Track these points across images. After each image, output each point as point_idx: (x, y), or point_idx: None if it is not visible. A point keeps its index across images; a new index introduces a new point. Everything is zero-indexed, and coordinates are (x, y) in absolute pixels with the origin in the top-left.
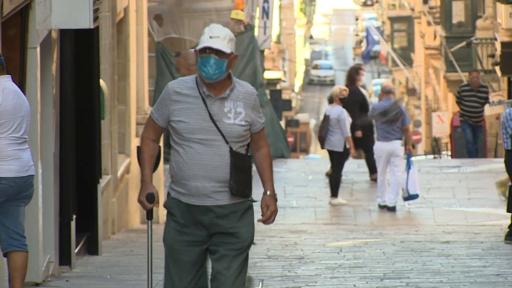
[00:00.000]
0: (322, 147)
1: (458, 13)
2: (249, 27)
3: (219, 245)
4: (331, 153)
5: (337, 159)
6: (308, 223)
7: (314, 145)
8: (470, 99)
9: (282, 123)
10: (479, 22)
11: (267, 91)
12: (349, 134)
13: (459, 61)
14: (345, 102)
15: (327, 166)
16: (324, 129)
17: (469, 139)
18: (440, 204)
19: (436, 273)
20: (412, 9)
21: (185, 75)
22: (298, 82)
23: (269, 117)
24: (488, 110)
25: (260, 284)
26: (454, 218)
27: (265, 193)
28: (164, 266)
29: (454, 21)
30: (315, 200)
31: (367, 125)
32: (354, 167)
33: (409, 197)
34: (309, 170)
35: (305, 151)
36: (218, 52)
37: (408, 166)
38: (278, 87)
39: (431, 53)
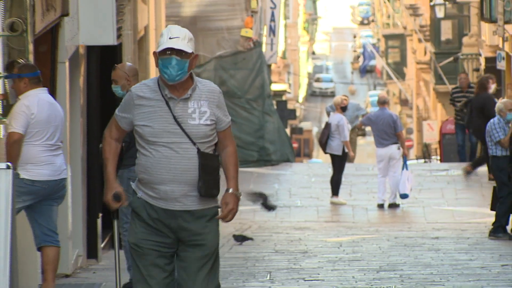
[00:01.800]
0: (324, 152)
1: (446, 31)
2: (257, 44)
3: (186, 255)
4: (332, 157)
5: (338, 162)
6: (311, 221)
7: (316, 150)
8: (461, 100)
9: (288, 131)
10: (465, 39)
11: (274, 102)
12: (347, 139)
13: (447, 75)
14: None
15: (328, 169)
16: (325, 135)
17: (461, 143)
18: (430, 203)
19: (426, 266)
20: (405, 28)
21: (125, 86)
22: (302, 93)
23: (276, 125)
24: None
25: (268, 275)
26: (443, 216)
27: (227, 190)
28: (132, 266)
29: (443, 38)
30: (318, 200)
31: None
32: (353, 170)
33: (400, 196)
34: (312, 173)
35: (308, 156)
36: (179, 53)
37: (404, 167)
38: (283, 98)
39: (422, 68)
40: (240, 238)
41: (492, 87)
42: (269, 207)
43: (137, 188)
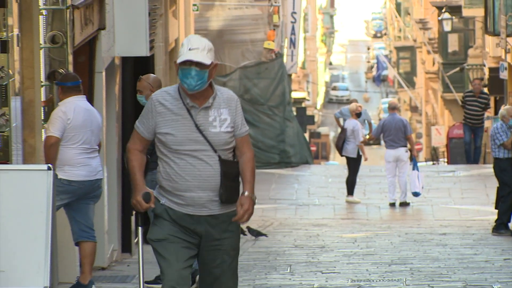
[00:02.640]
0: (340, 155)
1: (453, 44)
2: (279, 55)
3: (208, 261)
4: (348, 159)
5: (353, 164)
6: (328, 218)
7: (333, 153)
8: (472, 104)
9: (306, 135)
10: (470, 51)
11: (294, 108)
12: (360, 140)
13: (453, 84)
14: None
15: (344, 171)
16: (341, 139)
17: (467, 141)
18: (438, 202)
19: (434, 259)
20: (415, 40)
21: (149, 96)
22: (320, 100)
23: (296, 130)
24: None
25: (288, 268)
26: (449, 214)
27: (242, 193)
28: (157, 261)
29: (450, 50)
30: (334, 199)
31: None
32: (367, 171)
33: (413, 194)
34: (329, 174)
35: (326, 158)
36: (198, 64)
37: (414, 168)
38: (303, 105)
39: (430, 77)
40: (255, 233)
41: None
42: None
43: (160, 195)
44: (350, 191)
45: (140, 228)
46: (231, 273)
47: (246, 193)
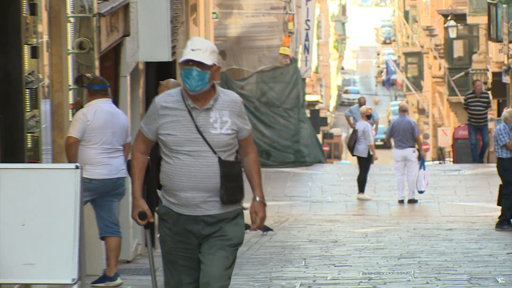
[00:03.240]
0: (352, 154)
1: (458, 50)
2: (294, 60)
3: (207, 245)
4: (359, 159)
5: (364, 163)
6: (340, 214)
7: (345, 153)
8: (475, 104)
9: (320, 136)
10: (474, 57)
11: (308, 111)
12: (372, 143)
13: (459, 87)
14: None
15: (355, 169)
16: (352, 140)
17: (473, 142)
18: (444, 199)
19: (441, 253)
20: (422, 46)
21: None
22: (332, 103)
23: (309, 131)
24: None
25: (303, 262)
26: (455, 211)
27: (254, 198)
28: (162, 264)
29: (455, 55)
30: (346, 196)
31: None
32: (377, 170)
33: (418, 192)
34: (341, 172)
35: (338, 157)
36: (200, 64)
37: (421, 168)
38: (316, 107)
39: (437, 81)
40: (264, 228)
41: None
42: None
43: (162, 197)
44: (361, 189)
45: (147, 230)
46: (224, 255)
47: (258, 198)
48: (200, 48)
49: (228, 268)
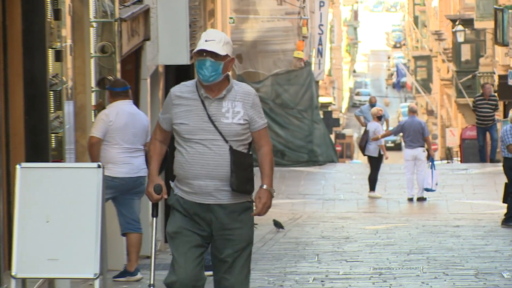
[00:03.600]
0: (363, 154)
1: (466, 53)
2: (308, 64)
3: (219, 251)
4: (370, 158)
5: (374, 163)
6: (352, 212)
7: (356, 152)
8: (483, 106)
9: (332, 136)
10: (481, 60)
11: (321, 112)
12: (383, 143)
13: (466, 90)
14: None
15: (366, 168)
16: (364, 140)
17: (481, 143)
18: (452, 197)
19: (449, 249)
20: (431, 50)
21: None
22: (344, 105)
23: (322, 131)
24: None
25: (316, 257)
26: (462, 208)
27: (261, 186)
28: (170, 248)
29: (463, 59)
30: (357, 194)
31: None
32: (387, 169)
33: (426, 190)
34: (353, 171)
35: (350, 157)
36: (213, 55)
37: (431, 167)
38: (329, 109)
39: (445, 83)
40: (279, 225)
41: None
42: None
43: (175, 186)
44: (372, 187)
45: (154, 218)
46: (242, 264)
47: (265, 186)
48: (214, 39)
49: (249, 270)
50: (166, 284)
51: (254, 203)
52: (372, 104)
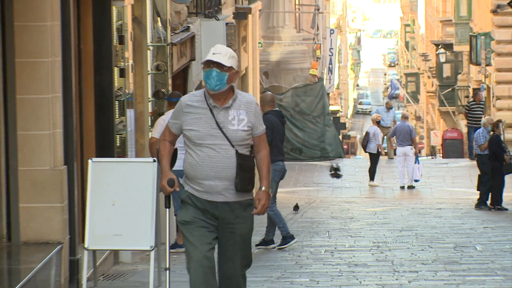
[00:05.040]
0: (365, 151)
1: (446, 71)
2: (320, 79)
3: (223, 242)
4: (370, 154)
5: (373, 158)
6: (355, 197)
7: (359, 150)
8: (476, 109)
9: (340, 137)
10: (459, 76)
11: (331, 118)
12: (381, 142)
13: (447, 100)
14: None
15: (367, 163)
16: (365, 140)
17: (472, 140)
18: (435, 186)
19: (433, 227)
20: (419, 68)
21: (266, 109)
22: (350, 112)
23: (332, 133)
24: (463, 129)
25: (327, 233)
26: (444, 194)
27: (260, 188)
28: (184, 245)
29: (444, 75)
30: (360, 183)
31: None
32: (384, 163)
33: (414, 180)
34: (356, 165)
35: (354, 154)
36: (219, 66)
37: (416, 162)
38: (337, 115)
39: (430, 95)
40: (297, 208)
41: None
42: (337, 175)
43: (185, 183)
44: (372, 178)
45: (167, 209)
46: (244, 254)
47: (263, 188)
48: (221, 52)
49: (249, 255)
50: (188, 258)
51: (254, 200)
52: (390, 107)
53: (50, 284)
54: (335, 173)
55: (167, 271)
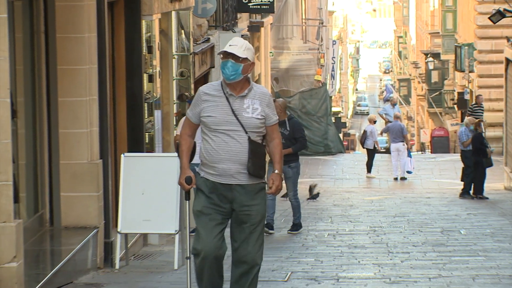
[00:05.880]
0: (363, 147)
1: (434, 77)
2: (324, 84)
3: (238, 224)
4: (367, 150)
5: (370, 153)
6: (355, 187)
7: (358, 146)
8: (477, 110)
9: (341, 135)
10: (446, 82)
11: (333, 118)
12: (377, 139)
13: (435, 102)
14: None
15: (364, 157)
16: (363, 137)
17: None
18: (424, 177)
19: (422, 214)
20: (410, 75)
21: (280, 114)
22: (349, 113)
23: (334, 131)
24: (449, 127)
25: (330, 219)
26: (432, 185)
27: (273, 171)
28: (195, 234)
29: (432, 81)
30: (358, 175)
31: None
32: (379, 157)
33: (406, 172)
34: (355, 159)
35: (353, 149)
36: (234, 57)
37: (409, 155)
38: (339, 115)
39: (420, 98)
40: (313, 196)
41: None
42: (313, 197)
43: (200, 170)
44: (369, 170)
45: (187, 201)
46: (257, 235)
47: (276, 171)
48: (236, 44)
49: (262, 241)
50: (192, 250)
51: (267, 185)
52: (394, 104)
53: (87, 263)
54: (312, 194)
55: (188, 260)
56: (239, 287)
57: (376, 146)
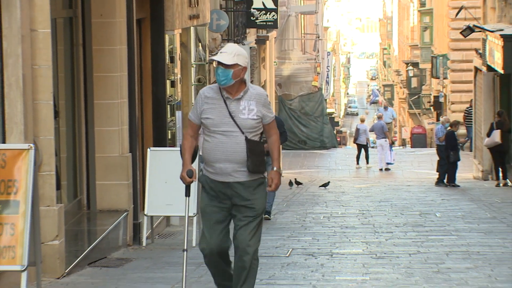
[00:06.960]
0: (355, 143)
1: (414, 83)
2: (320, 89)
3: (239, 213)
4: (358, 145)
5: (361, 148)
6: (346, 177)
7: (349, 141)
8: (472, 113)
9: (335, 132)
10: (423, 87)
11: (328, 118)
12: (369, 136)
13: (414, 105)
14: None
15: (355, 151)
16: (356, 134)
17: (470, 136)
18: (405, 168)
19: (403, 199)
20: (393, 81)
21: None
22: (341, 113)
23: (329, 129)
24: (426, 126)
25: (325, 204)
26: (412, 175)
27: (272, 168)
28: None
29: (412, 86)
30: (349, 166)
31: None
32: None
33: (389, 163)
34: (347, 153)
35: (345, 144)
36: (223, 64)
37: (390, 150)
38: (333, 116)
39: (401, 101)
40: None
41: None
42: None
43: (203, 169)
44: (358, 162)
45: (187, 198)
46: (256, 225)
47: (275, 168)
48: (227, 51)
49: (259, 234)
50: (199, 248)
51: (266, 180)
52: (385, 107)
53: (118, 241)
54: (292, 182)
55: (185, 252)
56: (237, 279)
57: (367, 142)
